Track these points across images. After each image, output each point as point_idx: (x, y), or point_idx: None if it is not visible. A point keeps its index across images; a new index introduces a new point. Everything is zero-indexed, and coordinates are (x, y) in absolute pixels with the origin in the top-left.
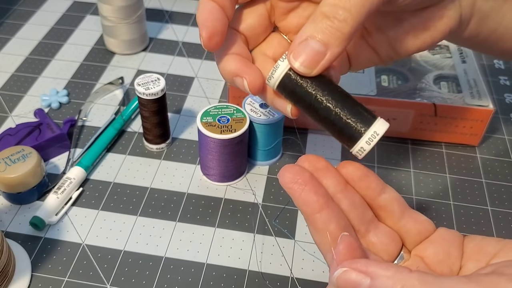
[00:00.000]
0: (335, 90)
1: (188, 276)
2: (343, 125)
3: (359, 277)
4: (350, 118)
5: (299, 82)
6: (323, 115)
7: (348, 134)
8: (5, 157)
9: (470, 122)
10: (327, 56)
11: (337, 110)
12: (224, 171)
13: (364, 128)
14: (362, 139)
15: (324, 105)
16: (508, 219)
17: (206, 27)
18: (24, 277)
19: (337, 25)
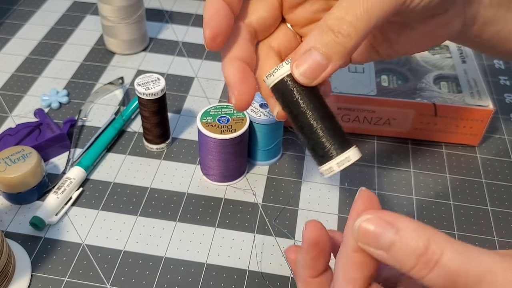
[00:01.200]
0: (323, 108)
1: (188, 276)
2: (320, 143)
3: (382, 226)
4: (329, 139)
5: (292, 90)
6: (305, 128)
7: (322, 152)
8: (5, 157)
9: (470, 122)
10: (328, 68)
11: (319, 128)
12: (224, 171)
13: (338, 151)
14: (333, 160)
15: (308, 120)
16: (508, 219)
17: (210, 27)
18: (24, 277)
19: (341, 39)
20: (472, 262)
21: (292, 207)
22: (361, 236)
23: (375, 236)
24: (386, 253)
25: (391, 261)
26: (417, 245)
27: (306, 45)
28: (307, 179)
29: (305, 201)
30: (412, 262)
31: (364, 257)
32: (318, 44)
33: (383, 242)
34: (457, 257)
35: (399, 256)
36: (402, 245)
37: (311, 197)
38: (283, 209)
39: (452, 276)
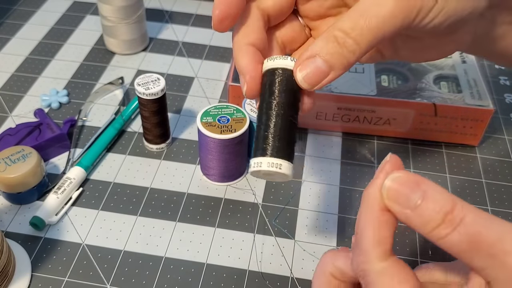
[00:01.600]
0: (293, 117)
1: (188, 276)
2: (269, 137)
3: (412, 185)
4: (279, 140)
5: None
6: (264, 119)
7: (264, 146)
8: (5, 157)
9: (470, 122)
10: (329, 76)
11: (278, 127)
12: (224, 171)
13: (279, 154)
14: (268, 158)
15: (273, 116)
16: (508, 219)
17: (220, 9)
18: (24, 277)
19: (345, 53)
20: (494, 223)
21: (292, 207)
22: (390, 194)
23: (404, 194)
24: (412, 211)
25: (417, 220)
26: (444, 204)
27: (311, 50)
28: (307, 179)
29: (305, 201)
30: (439, 220)
31: (390, 216)
32: (323, 52)
33: (412, 200)
34: (480, 217)
35: (426, 213)
36: (430, 203)
37: (311, 197)
38: (283, 209)
39: (474, 234)
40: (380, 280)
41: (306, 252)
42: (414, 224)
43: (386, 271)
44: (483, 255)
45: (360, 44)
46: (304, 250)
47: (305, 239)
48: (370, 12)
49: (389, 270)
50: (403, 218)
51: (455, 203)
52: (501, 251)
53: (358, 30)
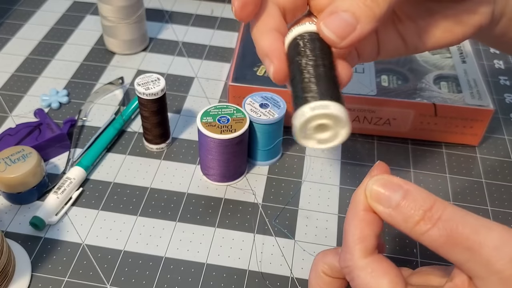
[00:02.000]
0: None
1: (188, 276)
2: (304, 88)
3: (393, 187)
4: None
5: (305, 44)
6: (300, 78)
7: (303, 96)
8: (5, 157)
9: (470, 122)
10: (357, 30)
11: (313, 77)
12: (224, 171)
13: (318, 98)
14: (308, 104)
15: (307, 71)
16: (508, 219)
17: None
18: (24, 277)
19: (369, 3)
20: (470, 218)
21: (292, 207)
22: (373, 195)
23: (386, 194)
24: (394, 210)
25: (398, 217)
26: (424, 202)
27: (332, 8)
28: (307, 179)
29: (305, 201)
30: (418, 216)
31: (374, 216)
32: (346, 6)
33: (393, 200)
34: (457, 213)
35: (407, 211)
36: (410, 202)
37: (311, 197)
38: (283, 209)
39: (451, 227)
40: (361, 275)
41: (306, 252)
42: (396, 221)
43: (367, 266)
44: (461, 248)
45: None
46: (304, 250)
47: (305, 239)
48: None
49: (369, 265)
50: (386, 217)
51: (434, 201)
52: (477, 243)
53: None
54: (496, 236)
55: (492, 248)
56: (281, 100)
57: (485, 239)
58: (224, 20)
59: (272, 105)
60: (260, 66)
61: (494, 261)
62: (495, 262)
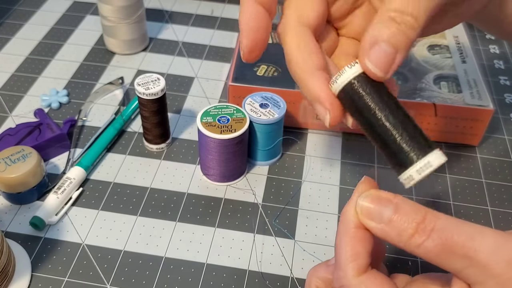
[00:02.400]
0: (397, 109)
1: (188, 276)
2: (396, 148)
3: (383, 202)
4: (406, 142)
5: (363, 92)
6: (378, 132)
7: (400, 158)
8: (5, 157)
9: (470, 122)
10: (396, 58)
11: (394, 131)
12: (224, 171)
13: (418, 156)
14: (413, 167)
15: (382, 123)
16: (508, 219)
17: (249, 39)
18: (24, 277)
19: (405, 30)
20: (464, 226)
21: (292, 207)
22: (364, 211)
23: (377, 210)
24: (386, 225)
25: (392, 232)
26: (416, 215)
27: (370, 38)
28: (307, 179)
29: (305, 201)
30: (412, 229)
31: (365, 232)
32: (385, 36)
33: (385, 215)
34: (450, 222)
35: (400, 225)
36: (402, 216)
37: (311, 197)
38: (283, 209)
39: (447, 238)
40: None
41: (306, 252)
42: (390, 236)
43: (361, 284)
44: (457, 256)
45: (418, 18)
46: (304, 250)
47: (305, 239)
48: None
49: (363, 283)
50: (379, 232)
51: (426, 213)
52: (472, 250)
53: (413, 4)
54: (491, 241)
55: (488, 253)
56: (281, 100)
57: (481, 245)
58: (224, 20)
59: (272, 105)
60: (260, 66)
61: (492, 265)
62: (492, 267)
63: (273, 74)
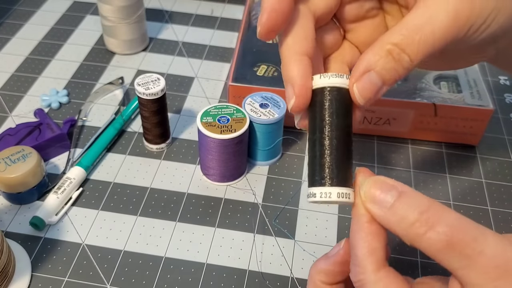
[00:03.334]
0: (346, 135)
1: (188, 276)
2: (322, 166)
3: (388, 187)
4: (332, 167)
5: (328, 104)
6: (319, 145)
7: (319, 176)
8: (5, 157)
9: (470, 122)
10: (380, 91)
11: (331, 154)
12: (224, 171)
13: (330, 182)
14: (320, 188)
15: (328, 140)
16: (508, 219)
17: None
18: (24, 277)
19: (399, 68)
20: (469, 224)
21: (292, 207)
22: (368, 195)
23: (379, 194)
24: (388, 210)
25: (392, 218)
26: (420, 203)
27: (366, 64)
28: (307, 179)
29: (305, 201)
30: (413, 217)
31: (379, 227)
32: (378, 67)
33: (387, 199)
34: (456, 218)
35: (401, 211)
36: (404, 202)
37: None
38: (283, 209)
39: (452, 234)
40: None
41: (306, 252)
42: (391, 223)
43: (380, 281)
44: (458, 254)
45: (414, 60)
46: (304, 250)
47: (305, 239)
48: (426, 29)
49: (382, 280)
50: (380, 218)
51: (431, 204)
52: (475, 251)
53: (414, 46)
54: (492, 245)
55: (490, 257)
56: (281, 100)
57: (484, 247)
58: (224, 20)
59: (272, 105)
60: (260, 66)
61: (491, 269)
62: (491, 271)
63: (273, 74)
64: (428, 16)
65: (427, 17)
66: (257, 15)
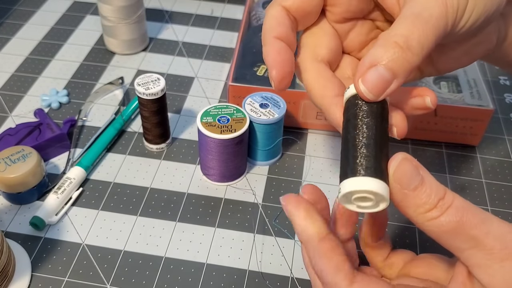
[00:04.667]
0: (380, 132)
1: (188, 276)
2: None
3: (414, 170)
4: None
5: (359, 108)
6: (351, 143)
7: (350, 167)
8: (5, 157)
9: (470, 122)
10: (392, 85)
11: (363, 147)
12: (224, 171)
13: (364, 173)
14: (351, 179)
15: (359, 138)
16: (508, 219)
17: (277, 71)
18: (24, 277)
19: (409, 56)
20: (478, 209)
21: None
22: (397, 174)
23: (408, 176)
24: (411, 192)
25: (412, 201)
26: (438, 190)
27: (370, 59)
28: (307, 179)
29: None
30: (432, 204)
31: (331, 241)
32: (385, 59)
33: (412, 183)
34: (466, 203)
35: (423, 197)
36: (427, 188)
37: None
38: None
39: (461, 216)
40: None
41: None
42: (408, 204)
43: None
44: (466, 236)
45: (424, 45)
46: None
47: None
48: (425, 15)
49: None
50: (400, 197)
51: (445, 190)
52: (483, 232)
53: (419, 31)
54: (497, 228)
55: (496, 237)
56: (281, 100)
57: (490, 229)
58: (224, 20)
59: (272, 105)
60: (260, 66)
61: (498, 249)
62: (498, 251)
63: None
64: (421, 7)
65: (421, 7)
66: (257, 15)
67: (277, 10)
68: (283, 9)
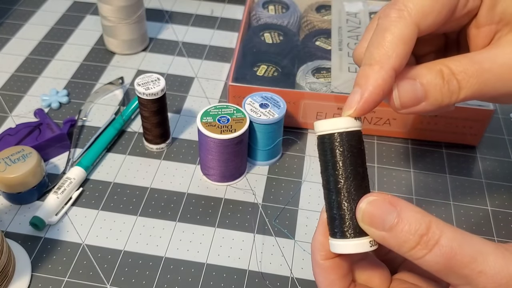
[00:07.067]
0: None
1: (188, 276)
2: (341, 217)
3: (386, 207)
4: (350, 219)
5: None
6: (331, 195)
7: (338, 227)
8: (5, 157)
9: (470, 122)
10: (420, 105)
11: (346, 204)
12: (224, 171)
13: (352, 235)
14: (346, 240)
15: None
16: (508, 219)
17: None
18: (24, 277)
19: (444, 90)
20: (468, 243)
21: (292, 207)
22: (366, 217)
23: (379, 217)
24: (388, 233)
25: (392, 241)
26: (419, 226)
27: (414, 73)
28: (307, 179)
29: (305, 201)
30: (414, 242)
31: (334, 261)
32: (425, 79)
33: (387, 222)
34: (455, 237)
35: (402, 235)
36: (405, 225)
37: (311, 197)
38: (283, 209)
39: (449, 255)
40: None
41: (306, 252)
42: (391, 245)
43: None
44: (458, 274)
45: (462, 88)
46: (304, 250)
47: (305, 239)
48: (484, 64)
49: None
50: (379, 240)
51: (430, 223)
52: (474, 271)
53: (466, 75)
54: (492, 263)
55: (490, 276)
56: (281, 100)
57: (483, 267)
58: (224, 20)
59: (272, 105)
60: (260, 66)
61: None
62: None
63: (273, 74)
64: (492, 54)
65: (491, 54)
66: (257, 15)
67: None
68: (415, 28)
